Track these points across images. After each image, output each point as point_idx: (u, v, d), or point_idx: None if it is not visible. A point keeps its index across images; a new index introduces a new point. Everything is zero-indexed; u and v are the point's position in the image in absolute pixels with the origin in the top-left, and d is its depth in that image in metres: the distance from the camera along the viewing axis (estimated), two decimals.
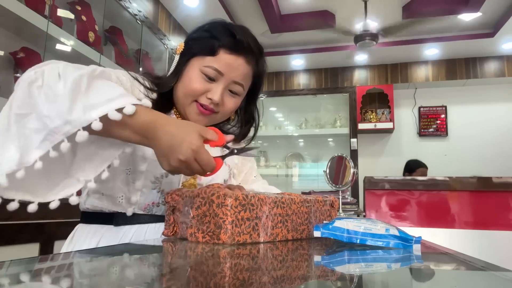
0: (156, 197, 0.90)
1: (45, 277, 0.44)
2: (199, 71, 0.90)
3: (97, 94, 0.68)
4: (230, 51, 0.90)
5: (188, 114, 0.94)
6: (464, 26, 4.08)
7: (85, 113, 0.66)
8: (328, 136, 5.20)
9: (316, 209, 0.82)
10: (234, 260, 0.52)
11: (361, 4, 3.64)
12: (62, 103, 0.66)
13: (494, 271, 0.49)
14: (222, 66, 0.89)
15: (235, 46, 0.90)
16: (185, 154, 0.69)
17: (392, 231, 0.69)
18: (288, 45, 4.60)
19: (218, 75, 0.90)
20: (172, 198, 0.76)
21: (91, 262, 0.55)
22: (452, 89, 4.91)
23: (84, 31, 2.50)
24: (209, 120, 0.95)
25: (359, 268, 0.54)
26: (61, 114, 0.65)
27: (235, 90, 0.93)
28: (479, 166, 4.42)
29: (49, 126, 0.65)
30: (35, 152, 0.66)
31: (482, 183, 2.01)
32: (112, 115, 0.66)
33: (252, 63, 0.94)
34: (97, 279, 0.42)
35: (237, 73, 0.91)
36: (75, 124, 0.66)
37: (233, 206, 0.64)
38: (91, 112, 0.66)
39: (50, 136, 0.66)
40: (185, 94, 0.91)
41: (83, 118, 0.66)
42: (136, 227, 0.89)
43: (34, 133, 0.66)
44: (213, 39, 0.91)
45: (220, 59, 0.90)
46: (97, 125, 0.66)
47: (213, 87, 0.90)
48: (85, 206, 0.93)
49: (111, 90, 0.70)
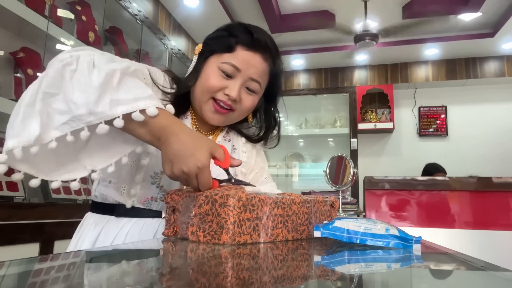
0: (155, 192, 0.92)
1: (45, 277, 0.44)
2: (217, 68, 0.91)
3: (125, 91, 0.70)
4: (247, 47, 0.92)
5: (204, 112, 0.95)
6: (464, 26, 4.08)
7: (111, 108, 0.68)
8: (328, 136, 5.20)
9: (317, 209, 0.82)
10: (235, 260, 0.52)
11: (361, 4, 3.64)
12: (91, 93, 0.67)
13: (494, 271, 0.49)
14: (239, 62, 0.91)
15: (252, 43, 0.92)
16: (190, 168, 0.69)
17: (392, 231, 0.69)
18: (288, 45, 4.60)
19: (235, 71, 0.91)
20: (172, 198, 0.76)
21: (91, 262, 0.55)
22: (452, 89, 4.91)
23: (84, 31, 2.50)
24: (225, 119, 0.96)
25: (359, 268, 0.54)
26: (88, 104, 0.67)
27: (252, 88, 0.94)
28: (479, 166, 4.42)
29: (74, 112, 0.67)
30: (53, 132, 0.67)
31: (482, 183, 2.01)
32: (136, 115, 0.68)
33: (269, 60, 0.95)
34: (97, 279, 0.42)
35: (254, 69, 0.92)
36: (99, 117, 0.67)
37: (236, 206, 0.64)
38: (117, 108, 0.68)
39: (72, 121, 0.67)
40: (202, 91, 0.93)
41: (108, 113, 0.68)
42: (134, 220, 0.91)
43: (57, 114, 0.68)
44: (230, 37, 0.93)
45: (237, 55, 0.91)
46: (120, 123, 0.68)
47: (230, 83, 0.91)
48: (94, 194, 0.96)
49: (139, 90, 0.72)
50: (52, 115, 0.68)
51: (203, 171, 0.70)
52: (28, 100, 0.67)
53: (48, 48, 2.17)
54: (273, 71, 0.98)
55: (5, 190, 2.01)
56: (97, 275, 0.45)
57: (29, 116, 0.66)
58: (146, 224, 0.91)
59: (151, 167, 0.90)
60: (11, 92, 2.01)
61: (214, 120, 0.95)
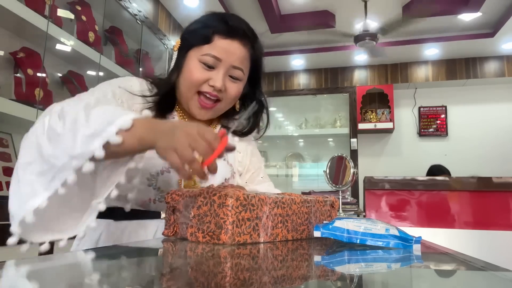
0: (153, 193, 0.92)
1: (45, 277, 0.44)
2: (198, 61, 0.91)
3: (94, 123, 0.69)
4: (224, 36, 0.92)
5: (191, 108, 0.94)
6: (464, 26, 4.08)
7: (87, 145, 0.67)
8: (328, 136, 5.20)
9: (316, 209, 0.82)
10: (235, 260, 0.52)
11: (361, 4, 3.64)
12: (65, 140, 0.67)
13: (494, 271, 0.49)
14: (219, 51, 0.91)
15: (228, 31, 0.92)
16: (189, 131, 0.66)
17: (392, 231, 0.69)
18: (288, 45, 4.60)
19: (216, 62, 0.91)
20: (172, 198, 0.76)
21: (91, 262, 0.55)
22: (452, 89, 4.91)
23: (84, 31, 2.49)
24: (213, 112, 0.96)
25: (359, 268, 0.54)
26: (66, 151, 0.67)
27: (235, 75, 0.94)
28: (479, 166, 4.41)
29: (57, 165, 0.67)
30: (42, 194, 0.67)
31: (482, 183, 2.01)
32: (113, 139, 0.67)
33: (248, 46, 0.95)
34: (97, 279, 0.42)
35: (235, 57, 0.92)
36: (81, 158, 0.67)
37: (234, 206, 0.64)
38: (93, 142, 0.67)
39: (59, 174, 0.67)
40: (187, 86, 0.93)
41: (87, 150, 0.66)
42: (134, 222, 0.91)
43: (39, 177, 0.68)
44: (206, 28, 0.93)
45: (216, 45, 0.91)
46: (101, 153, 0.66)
47: (213, 74, 0.91)
48: None
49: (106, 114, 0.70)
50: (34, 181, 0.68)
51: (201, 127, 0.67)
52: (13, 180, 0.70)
53: (48, 48, 2.17)
54: (254, 56, 0.98)
55: (5, 190, 2.01)
56: (97, 275, 0.45)
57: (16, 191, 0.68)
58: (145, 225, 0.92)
59: (147, 170, 0.90)
60: (11, 92, 2.01)
61: (202, 115, 0.95)
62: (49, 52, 2.24)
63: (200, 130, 0.67)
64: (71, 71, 2.50)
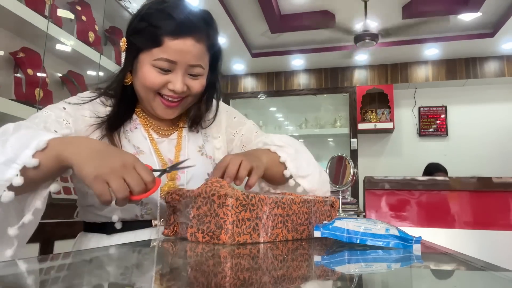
0: (138, 210, 0.88)
1: (45, 277, 0.44)
2: (151, 66, 0.83)
3: (10, 149, 0.66)
4: (175, 36, 0.82)
5: (155, 109, 0.89)
6: (464, 26, 4.08)
7: (4, 173, 0.64)
8: (328, 136, 5.20)
9: (317, 209, 0.82)
10: (235, 260, 0.52)
11: (361, 4, 3.64)
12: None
13: (494, 271, 0.49)
14: (172, 54, 0.82)
15: (178, 29, 0.82)
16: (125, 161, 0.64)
17: (392, 231, 0.69)
18: (288, 45, 4.60)
19: (171, 65, 0.83)
20: (172, 198, 0.76)
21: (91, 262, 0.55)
22: (452, 89, 4.91)
23: (84, 31, 2.49)
24: (180, 109, 0.91)
25: (359, 268, 0.54)
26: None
27: (195, 73, 0.87)
28: (479, 166, 4.42)
29: None
30: None
31: (482, 183, 2.01)
32: (29, 163, 0.64)
33: (203, 39, 0.85)
34: (97, 279, 0.42)
35: (190, 55, 0.84)
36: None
37: (234, 206, 0.63)
38: (10, 168, 0.64)
39: None
40: (145, 90, 0.87)
41: (3, 178, 0.64)
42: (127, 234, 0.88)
43: None
44: (153, 28, 0.82)
45: (167, 48, 0.82)
46: (18, 181, 0.63)
47: (171, 77, 0.84)
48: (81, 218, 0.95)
49: (22, 139, 0.68)
50: None
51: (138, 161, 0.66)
52: None
53: (48, 48, 2.17)
54: (210, 45, 0.89)
55: None
56: (97, 275, 0.45)
57: None
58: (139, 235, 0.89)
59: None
60: (11, 92, 2.01)
61: (169, 115, 0.90)
62: (49, 52, 2.24)
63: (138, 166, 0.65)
64: (71, 71, 2.50)
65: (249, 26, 4.13)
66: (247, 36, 4.37)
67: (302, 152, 1.02)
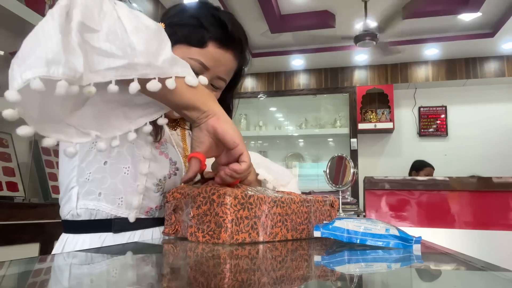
0: (159, 200, 0.84)
1: (45, 277, 0.44)
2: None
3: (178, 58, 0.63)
4: (220, 45, 0.82)
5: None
6: (464, 26, 4.08)
7: (170, 65, 0.60)
8: (328, 136, 5.21)
9: (316, 209, 0.82)
10: (234, 261, 0.52)
11: (361, 4, 3.64)
12: (152, 41, 0.58)
13: (494, 271, 0.49)
14: (209, 60, 0.82)
15: (225, 39, 0.83)
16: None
17: (392, 231, 0.69)
18: (288, 45, 4.60)
19: (203, 69, 0.82)
20: (174, 197, 0.76)
21: (91, 262, 0.55)
22: (452, 89, 4.91)
23: None
24: None
25: (359, 268, 0.54)
26: (149, 54, 0.57)
27: (217, 85, 0.86)
28: (479, 166, 4.42)
29: (130, 59, 0.55)
30: (92, 76, 0.52)
31: (482, 183, 2.01)
32: (189, 79, 0.62)
33: (238, 56, 0.87)
34: (97, 279, 0.42)
35: (223, 68, 0.84)
36: (157, 72, 0.58)
37: (232, 204, 0.64)
38: (173, 67, 0.60)
39: (123, 69, 0.55)
40: None
41: (166, 70, 0.59)
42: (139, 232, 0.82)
43: (101, 56, 0.54)
44: (202, 29, 0.82)
45: (208, 52, 0.82)
46: (172, 84, 0.59)
47: None
48: (76, 212, 0.80)
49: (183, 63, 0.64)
50: (91, 55, 0.53)
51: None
52: (59, 28, 0.48)
53: None
54: (240, 65, 0.91)
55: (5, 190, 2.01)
56: (97, 275, 0.45)
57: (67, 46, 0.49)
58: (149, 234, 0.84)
59: (154, 175, 0.82)
60: None
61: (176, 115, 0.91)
62: None
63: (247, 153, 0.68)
64: None
65: (249, 26, 4.13)
66: (247, 36, 4.37)
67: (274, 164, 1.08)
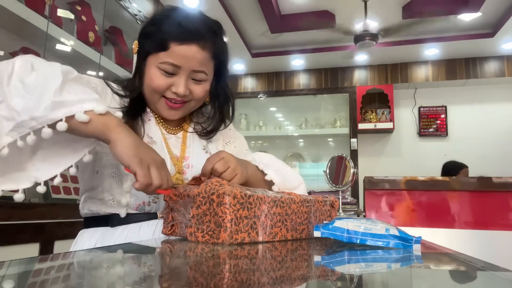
0: (146, 197, 0.90)
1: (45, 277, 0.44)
2: (157, 68, 0.89)
3: (69, 93, 0.70)
4: (180, 41, 0.87)
5: (159, 110, 0.94)
6: (464, 26, 4.08)
7: (52, 111, 0.68)
8: (328, 136, 5.20)
9: (316, 209, 0.82)
10: (233, 261, 0.52)
11: (361, 4, 3.64)
12: (29, 98, 0.67)
13: (494, 271, 0.49)
14: (177, 59, 0.87)
15: (184, 35, 0.87)
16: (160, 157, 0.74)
17: (392, 231, 0.69)
18: (288, 45, 4.60)
19: (175, 69, 0.88)
20: (170, 197, 0.76)
21: (91, 262, 0.55)
22: (452, 89, 4.91)
23: (84, 31, 2.49)
24: (183, 112, 0.95)
25: (359, 268, 0.54)
26: (28, 110, 0.67)
27: (198, 78, 0.91)
28: (479, 166, 4.41)
29: (16, 119, 0.67)
30: (5, 138, 0.68)
31: (482, 183, 2.01)
32: (79, 116, 0.69)
33: (208, 46, 0.90)
34: (96, 279, 0.42)
35: (194, 61, 0.88)
36: (41, 121, 0.68)
37: (231, 204, 0.64)
38: (59, 110, 0.68)
39: (17, 128, 0.68)
40: (150, 92, 0.92)
41: (50, 116, 0.68)
42: (130, 226, 0.91)
43: (4, 120, 0.68)
44: (161, 33, 0.88)
45: (172, 52, 0.87)
46: (62, 126, 0.68)
47: (175, 80, 0.89)
48: (84, 212, 0.96)
49: (84, 93, 0.73)
50: (1, 122, 0.68)
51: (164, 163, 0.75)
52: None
53: (48, 48, 2.17)
54: (216, 53, 0.93)
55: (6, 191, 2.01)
56: (96, 275, 0.45)
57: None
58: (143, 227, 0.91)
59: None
60: None
61: (172, 116, 0.94)
62: (49, 52, 2.24)
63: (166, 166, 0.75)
64: None
65: (249, 26, 4.13)
66: (247, 36, 4.37)
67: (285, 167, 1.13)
